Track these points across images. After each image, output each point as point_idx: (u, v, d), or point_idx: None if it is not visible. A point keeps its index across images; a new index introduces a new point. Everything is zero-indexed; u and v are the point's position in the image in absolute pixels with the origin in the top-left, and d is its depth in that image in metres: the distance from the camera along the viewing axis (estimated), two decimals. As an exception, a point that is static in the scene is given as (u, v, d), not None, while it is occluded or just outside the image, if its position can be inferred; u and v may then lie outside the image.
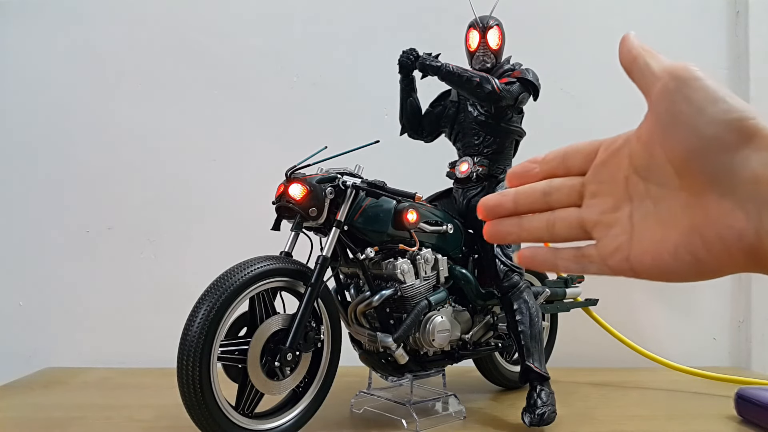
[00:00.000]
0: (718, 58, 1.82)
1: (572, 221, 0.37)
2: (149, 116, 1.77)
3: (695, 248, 0.31)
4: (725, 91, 0.30)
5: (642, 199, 0.34)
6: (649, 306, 1.78)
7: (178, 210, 1.75)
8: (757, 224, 0.28)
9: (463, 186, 1.31)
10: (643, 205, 0.33)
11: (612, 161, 0.35)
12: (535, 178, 0.39)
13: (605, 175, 0.35)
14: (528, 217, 0.38)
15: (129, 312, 1.71)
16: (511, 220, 0.39)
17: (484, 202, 0.39)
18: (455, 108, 1.33)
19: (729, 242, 0.30)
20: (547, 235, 0.38)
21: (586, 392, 1.39)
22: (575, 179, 0.37)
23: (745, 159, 0.29)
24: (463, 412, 1.18)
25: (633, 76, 0.34)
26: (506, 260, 1.21)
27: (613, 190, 0.35)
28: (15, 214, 1.74)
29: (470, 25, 1.31)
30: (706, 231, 0.30)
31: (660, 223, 0.33)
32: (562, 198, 0.37)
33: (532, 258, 0.39)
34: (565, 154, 0.38)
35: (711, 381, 1.45)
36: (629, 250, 0.34)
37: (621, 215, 0.34)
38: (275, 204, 1.08)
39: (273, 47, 1.79)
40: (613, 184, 0.35)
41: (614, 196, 0.35)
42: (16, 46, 1.77)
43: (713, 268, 0.31)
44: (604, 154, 0.36)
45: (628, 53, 0.35)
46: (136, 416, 1.18)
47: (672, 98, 0.31)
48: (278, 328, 1.00)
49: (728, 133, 0.29)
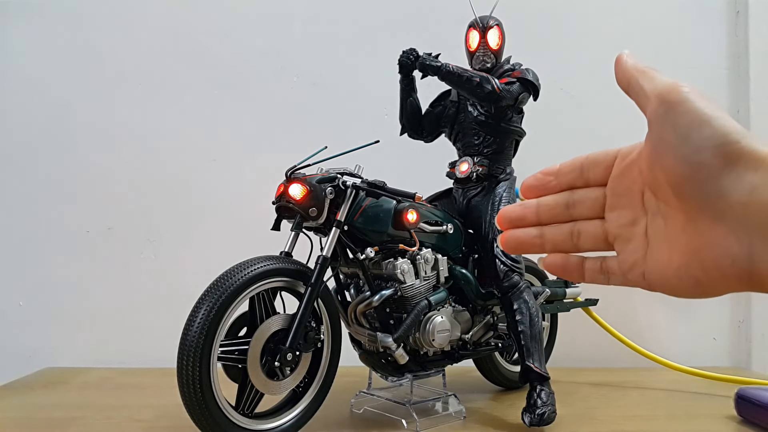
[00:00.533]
0: (718, 58, 1.82)
1: (597, 234, 0.37)
2: (149, 116, 1.77)
3: (694, 271, 0.31)
4: (713, 111, 0.30)
5: (655, 215, 0.34)
6: (649, 306, 1.78)
7: (178, 210, 1.75)
8: (749, 250, 0.28)
9: (463, 186, 1.31)
10: (656, 221, 0.33)
11: (628, 174, 0.35)
12: (552, 191, 0.38)
13: (623, 188, 0.35)
14: (550, 229, 0.38)
15: (129, 312, 1.71)
16: (532, 230, 0.38)
17: (505, 213, 0.39)
18: (455, 108, 1.33)
19: (723, 267, 0.30)
20: (572, 247, 0.38)
21: (586, 392, 1.39)
22: (597, 191, 0.37)
23: (732, 184, 0.29)
24: (463, 412, 1.18)
25: (630, 96, 0.34)
26: (506, 260, 1.21)
27: (631, 203, 0.35)
28: (15, 214, 1.74)
29: (470, 25, 1.31)
30: (703, 255, 0.30)
31: (668, 242, 0.33)
32: (585, 211, 0.37)
33: (564, 265, 0.38)
34: (582, 167, 0.37)
35: (711, 381, 1.45)
36: (644, 267, 0.34)
37: (638, 230, 0.34)
38: (275, 204, 1.08)
39: (273, 47, 1.79)
40: (630, 198, 0.35)
41: (632, 209, 0.35)
42: (16, 46, 1.77)
43: (713, 289, 0.31)
44: (621, 167, 0.35)
45: (622, 76, 0.35)
46: (136, 416, 1.18)
47: (660, 124, 0.31)
48: (278, 328, 1.00)
49: (712, 160, 0.29)
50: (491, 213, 1.24)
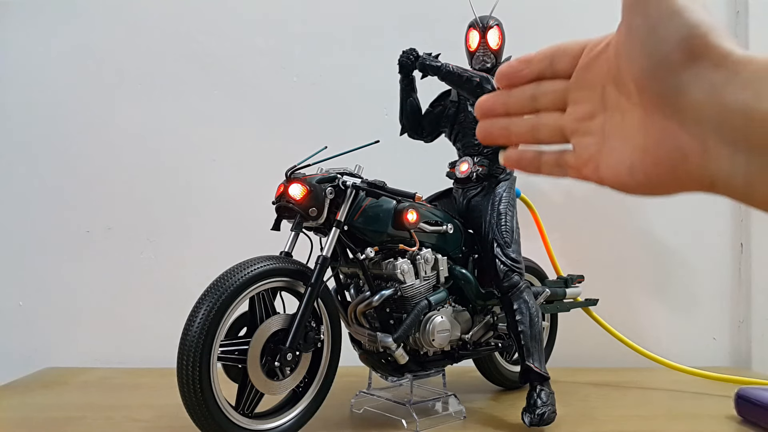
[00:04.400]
0: (718, 58, 1.82)
1: (553, 127, 0.36)
2: (149, 116, 1.77)
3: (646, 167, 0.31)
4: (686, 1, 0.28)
5: (613, 110, 0.33)
6: (649, 306, 1.78)
7: (178, 210, 1.75)
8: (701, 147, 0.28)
9: (463, 186, 1.31)
10: (614, 116, 0.33)
11: (593, 66, 0.34)
12: (523, 79, 0.38)
13: (586, 81, 0.34)
14: (515, 121, 0.38)
15: (129, 312, 1.71)
16: (501, 121, 0.38)
17: (480, 103, 0.39)
18: (455, 108, 1.33)
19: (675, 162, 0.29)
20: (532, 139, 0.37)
21: (586, 392, 1.39)
22: (560, 83, 0.36)
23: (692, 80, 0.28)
24: (463, 412, 1.18)
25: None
26: (506, 260, 1.21)
27: (592, 97, 0.34)
28: (15, 214, 1.74)
29: (470, 25, 1.31)
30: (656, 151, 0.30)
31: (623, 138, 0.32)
32: (548, 103, 0.36)
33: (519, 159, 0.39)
34: (553, 56, 0.36)
35: (711, 381, 1.45)
36: (598, 162, 0.33)
37: (595, 124, 0.34)
38: (275, 204, 1.08)
39: (273, 47, 1.79)
40: (592, 91, 0.34)
41: (592, 103, 0.34)
42: (16, 46, 1.77)
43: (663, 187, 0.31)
44: (587, 58, 0.34)
45: None
46: (136, 416, 1.18)
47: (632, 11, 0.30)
48: (278, 328, 1.00)
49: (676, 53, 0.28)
50: (491, 213, 1.24)
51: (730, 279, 1.78)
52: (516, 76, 0.38)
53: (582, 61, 0.35)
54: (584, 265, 1.64)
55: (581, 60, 0.35)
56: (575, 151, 0.35)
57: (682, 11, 0.28)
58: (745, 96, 0.26)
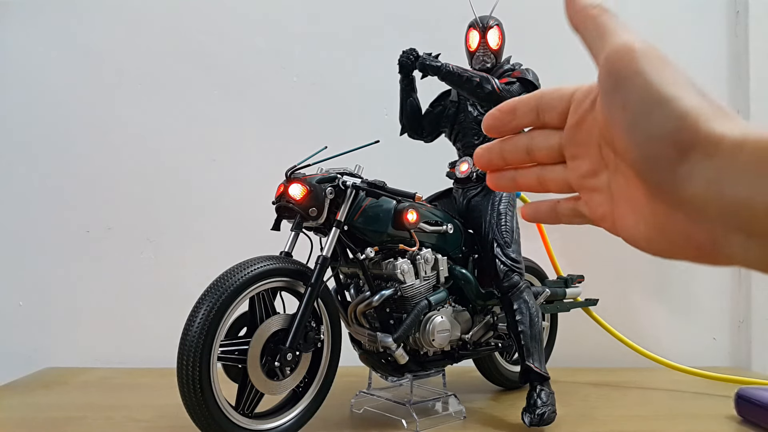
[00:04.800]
0: (718, 58, 1.82)
1: (560, 180, 0.35)
2: (149, 116, 1.77)
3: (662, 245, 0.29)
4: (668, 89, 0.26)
5: (615, 172, 0.31)
6: (649, 306, 1.78)
7: (178, 210, 1.75)
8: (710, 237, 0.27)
9: (463, 186, 1.31)
10: (617, 178, 0.31)
11: (583, 126, 0.32)
12: (512, 131, 0.36)
13: (580, 140, 0.33)
14: (522, 173, 0.37)
15: (129, 312, 1.71)
16: (507, 174, 0.38)
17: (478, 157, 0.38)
18: (455, 108, 1.33)
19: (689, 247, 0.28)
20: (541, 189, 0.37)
21: (586, 392, 1.39)
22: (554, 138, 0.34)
23: (688, 174, 0.26)
24: (463, 412, 1.18)
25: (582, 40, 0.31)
26: (506, 260, 1.21)
27: (589, 153, 0.32)
28: (15, 214, 1.74)
29: (470, 25, 1.31)
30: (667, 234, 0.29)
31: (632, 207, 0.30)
32: (545, 158, 0.35)
33: (535, 213, 0.38)
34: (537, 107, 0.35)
35: (711, 381, 1.45)
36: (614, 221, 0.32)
37: (600, 181, 0.32)
38: (275, 204, 1.08)
39: (273, 47, 1.79)
40: (589, 148, 0.32)
41: (590, 160, 0.32)
42: (16, 46, 1.77)
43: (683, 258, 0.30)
44: (576, 116, 0.32)
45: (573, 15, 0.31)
46: (136, 416, 1.18)
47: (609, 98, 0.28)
48: (278, 328, 1.00)
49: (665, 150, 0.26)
50: (491, 213, 1.24)
51: (730, 279, 1.78)
52: (503, 129, 0.36)
53: (571, 120, 0.33)
54: (584, 265, 1.64)
55: (569, 117, 0.33)
56: (588, 205, 0.34)
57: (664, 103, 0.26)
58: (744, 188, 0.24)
